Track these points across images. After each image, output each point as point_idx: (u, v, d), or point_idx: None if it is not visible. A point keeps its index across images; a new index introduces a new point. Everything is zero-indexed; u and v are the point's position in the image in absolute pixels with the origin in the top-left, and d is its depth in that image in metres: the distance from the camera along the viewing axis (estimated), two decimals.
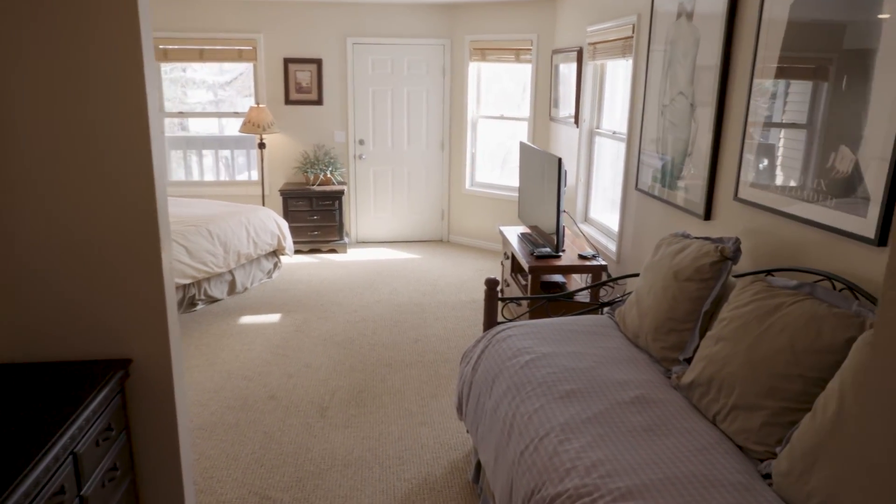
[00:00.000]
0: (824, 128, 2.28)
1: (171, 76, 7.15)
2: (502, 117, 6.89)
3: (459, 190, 7.23)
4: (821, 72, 2.31)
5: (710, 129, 3.04)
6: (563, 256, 4.45)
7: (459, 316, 5.09)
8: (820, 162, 2.30)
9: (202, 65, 7.11)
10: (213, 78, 7.28)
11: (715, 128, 3.00)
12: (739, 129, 2.85)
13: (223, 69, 7.20)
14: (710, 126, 3.04)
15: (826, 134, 2.27)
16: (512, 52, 6.56)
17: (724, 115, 2.98)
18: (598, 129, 5.27)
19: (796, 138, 2.46)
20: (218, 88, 7.33)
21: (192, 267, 4.98)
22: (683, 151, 3.33)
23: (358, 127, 7.09)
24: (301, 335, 4.69)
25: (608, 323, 2.98)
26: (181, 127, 7.24)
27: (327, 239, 6.86)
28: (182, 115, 7.11)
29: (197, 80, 7.27)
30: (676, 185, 3.39)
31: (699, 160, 3.16)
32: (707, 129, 3.08)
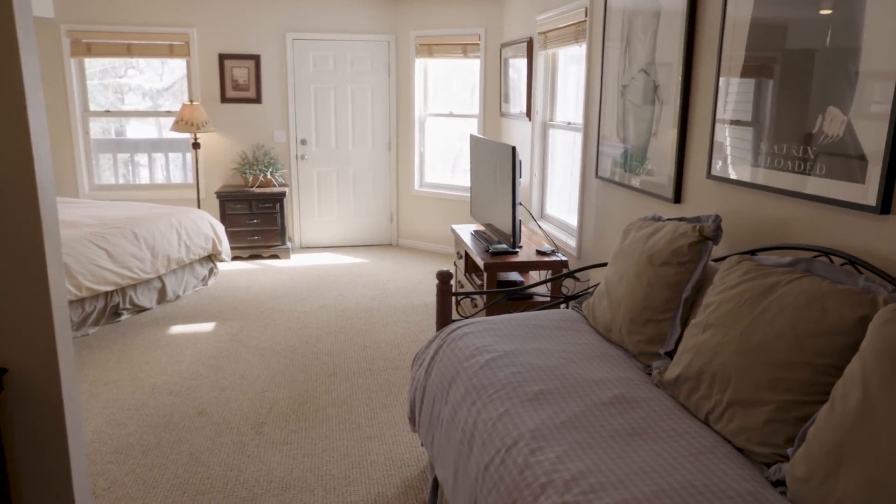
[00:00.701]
0: (808, 87, 2.06)
1: (104, 81, 6.62)
2: (451, 115, 6.62)
3: (408, 191, 6.91)
4: None
5: (677, 100, 2.81)
6: (521, 253, 4.18)
7: (411, 320, 4.76)
8: (805, 126, 2.07)
9: (139, 71, 6.61)
10: (149, 84, 6.77)
11: (682, 99, 2.77)
12: (710, 95, 2.63)
13: (161, 75, 6.72)
14: (677, 97, 2.81)
15: (812, 95, 2.04)
16: (459, 48, 6.31)
17: (691, 84, 2.75)
18: (552, 121, 5.04)
19: (777, 101, 2.23)
20: (157, 95, 6.83)
21: (114, 272, 4.51)
22: (647, 132, 3.10)
23: (299, 126, 6.70)
24: (237, 345, 4.28)
25: (575, 317, 2.70)
26: (117, 132, 6.71)
27: (268, 244, 6.44)
28: (109, 115, 6.59)
29: (133, 86, 6.75)
30: (641, 169, 3.16)
31: (665, 140, 2.93)
32: (673, 102, 2.85)
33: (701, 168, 2.71)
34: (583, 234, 4.18)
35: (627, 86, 3.28)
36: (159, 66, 6.68)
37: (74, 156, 6.44)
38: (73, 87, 6.31)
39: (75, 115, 6.37)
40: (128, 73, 6.69)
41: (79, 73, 6.39)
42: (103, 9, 6.20)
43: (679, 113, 2.79)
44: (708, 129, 2.65)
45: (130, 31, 6.26)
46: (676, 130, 2.82)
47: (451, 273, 2.75)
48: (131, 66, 6.65)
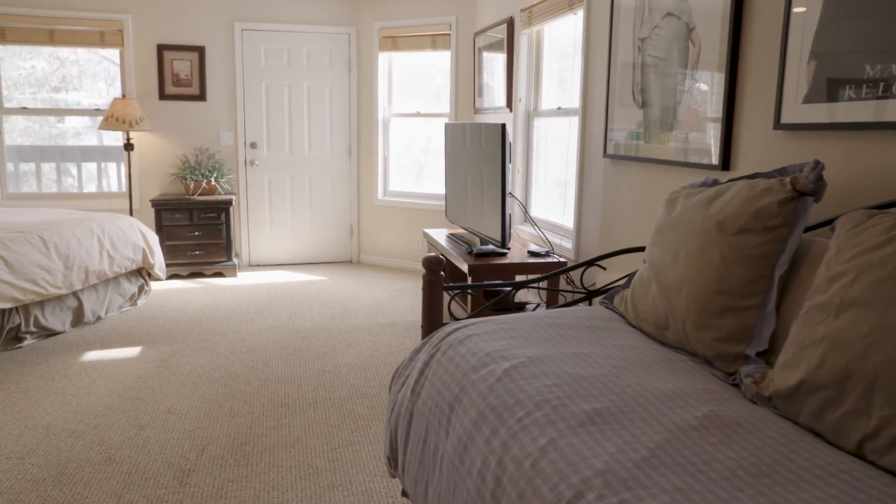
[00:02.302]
0: None
1: (48, 83, 5.79)
2: (418, 114, 5.99)
3: (370, 201, 6.22)
4: None
5: (725, 36, 2.21)
6: (510, 254, 3.52)
7: (378, 341, 4.03)
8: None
9: (77, 88, 5.81)
10: (89, 100, 5.94)
11: (732, 34, 2.17)
12: (777, 16, 2.03)
13: (105, 91, 5.91)
14: (725, 31, 2.21)
15: None
16: (427, 39, 5.71)
17: (743, 13, 2.16)
18: (538, 109, 4.45)
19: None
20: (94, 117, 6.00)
21: (13, 286, 3.67)
22: (677, 88, 2.49)
23: (249, 127, 5.97)
24: (165, 372, 3.48)
25: (608, 315, 2.03)
26: (74, 136, 5.85)
27: (212, 260, 5.64)
28: (26, 112, 5.74)
29: (70, 101, 5.92)
30: (669, 136, 2.54)
31: (703, 92, 2.32)
32: (718, 40, 2.25)
33: (762, 117, 2.10)
34: (582, 232, 3.54)
35: (647, 38, 2.67)
36: (103, 86, 5.87)
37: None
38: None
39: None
40: (64, 86, 5.86)
41: None
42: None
43: (728, 52, 2.19)
44: (773, 63, 2.04)
45: (53, 16, 5.48)
46: (725, 74, 2.21)
47: (443, 259, 2.06)
48: (69, 79, 5.83)
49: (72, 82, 5.85)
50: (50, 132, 5.87)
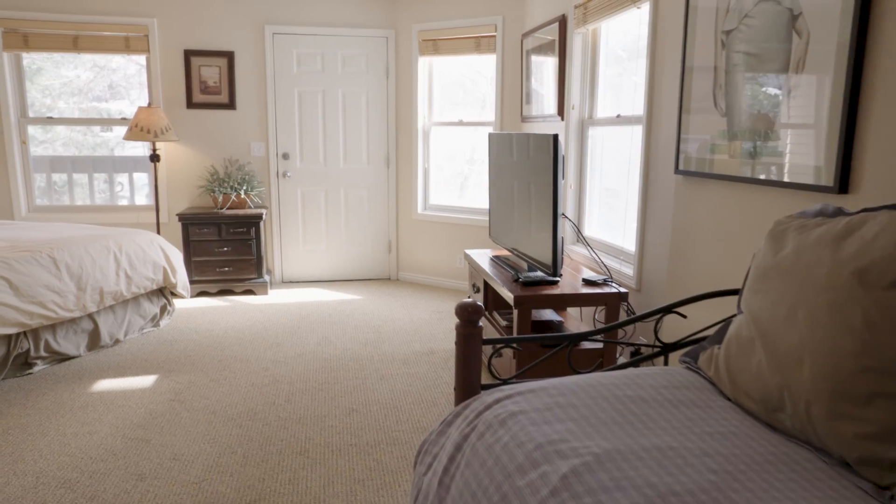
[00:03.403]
0: None
1: (87, 105, 5.61)
2: (461, 123, 5.59)
3: (409, 216, 5.84)
4: None
5: (848, 21, 1.75)
6: (562, 282, 3.08)
7: (414, 373, 3.63)
8: None
9: (124, 96, 5.62)
10: (130, 110, 5.73)
11: (859, 14, 1.71)
12: None
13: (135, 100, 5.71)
14: (848, 16, 1.75)
15: None
16: (471, 42, 5.31)
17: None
18: (592, 117, 4.00)
19: None
20: None
21: (18, 309, 3.40)
22: (773, 91, 2.03)
23: (281, 137, 5.67)
24: (178, 407, 3.15)
25: (693, 381, 1.59)
26: (118, 146, 5.67)
27: (241, 277, 5.34)
28: (51, 122, 5.56)
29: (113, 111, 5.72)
30: (763, 148, 2.08)
31: (811, 93, 1.86)
32: (834, 25, 1.78)
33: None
34: (645, 257, 3.09)
35: (734, 31, 2.22)
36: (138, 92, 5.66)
37: (8, 170, 5.39)
38: (6, 87, 5.30)
39: (9, 122, 5.35)
40: (109, 94, 5.66)
41: (14, 70, 5.38)
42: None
43: (852, 42, 1.72)
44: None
45: (78, 21, 5.27)
46: (847, 70, 1.75)
47: (480, 307, 1.65)
48: (114, 88, 5.63)
49: (117, 91, 5.64)
50: (93, 141, 5.67)
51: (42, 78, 5.57)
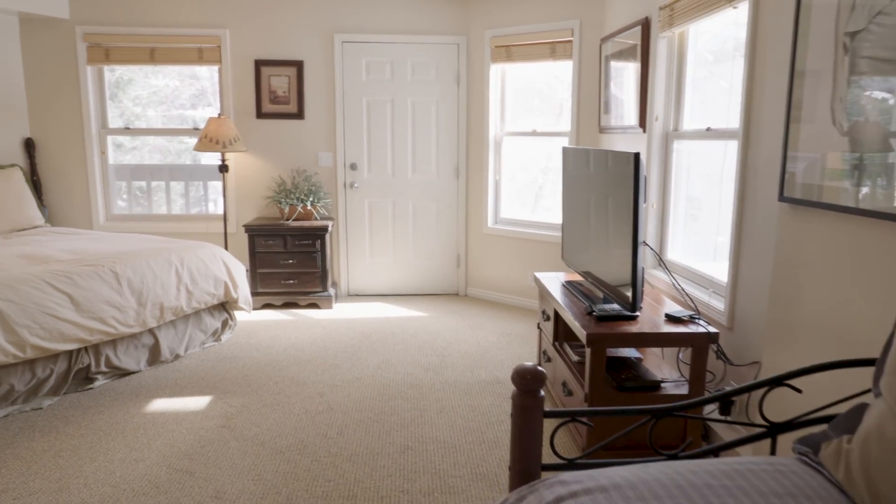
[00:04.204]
0: None
1: (170, 114, 5.68)
2: (534, 133, 5.30)
3: (479, 229, 5.60)
4: None
5: None
6: (641, 317, 2.76)
7: (476, 406, 3.38)
8: None
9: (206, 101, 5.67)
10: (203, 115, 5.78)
11: None
12: None
13: None
14: None
15: None
16: (546, 48, 5.02)
17: None
18: (678, 130, 3.64)
19: None
20: None
21: (78, 325, 3.36)
22: None
23: (349, 147, 5.54)
24: (228, 435, 3.01)
25: (811, 482, 1.26)
26: (192, 157, 5.74)
27: (306, 290, 5.24)
28: (128, 132, 5.63)
29: (188, 118, 5.78)
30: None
31: None
32: None
33: None
34: (739, 292, 2.73)
35: (862, 32, 1.86)
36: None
37: (88, 180, 5.49)
38: (89, 99, 5.40)
39: (90, 133, 5.44)
40: (196, 102, 5.71)
41: (96, 83, 5.47)
42: (125, 7, 5.29)
43: None
44: None
45: (154, 34, 5.31)
46: None
47: (542, 373, 1.38)
48: (201, 95, 5.69)
49: (203, 98, 5.67)
50: (178, 148, 5.71)
51: (133, 88, 5.67)
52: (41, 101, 5.39)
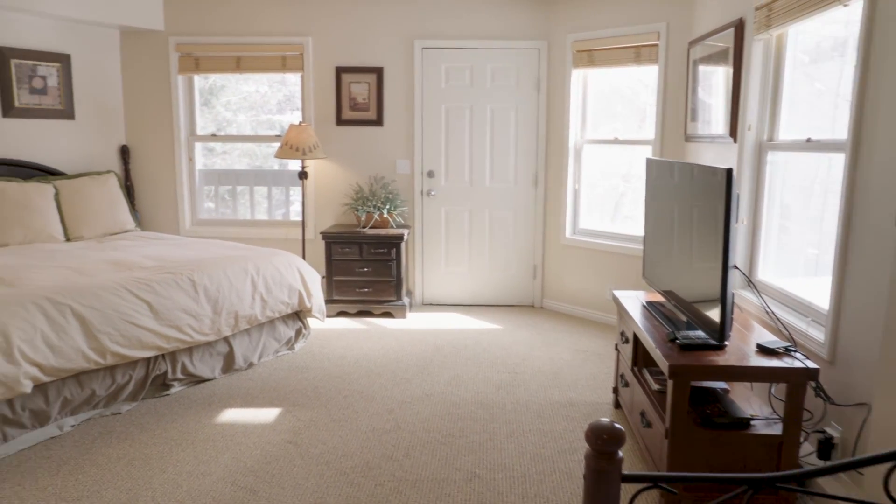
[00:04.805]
0: None
1: (257, 119, 5.85)
2: (616, 141, 5.07)
3: (557, 240, 5.41)
4: None
5: None
6: (729, 347, 2.53)
7: (548, 431, 3.22)
8: None
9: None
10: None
11: None
12: None
13: None
14: None
15: None
16: (630, 52, 4.78)
17: None
18: (774, 140, 3.36)
19: None
20: None
21: (156, 333, 3.44)
22: None
23: (427, 155, 5.49)
24: (293, 452, 2.99)
25: None
26: (271, 162, 5.90)
27: (380, 299, 5.21)
28: (215, 139, 5.79)
29: (269, 121, 5.92)
30: None
31: None
32: None
33: None
34: (843, 321, 2.46)
35: None
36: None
37: (177, 186, 5.68)
38: (179, 107, 5.59)
39: (180, 140, 5.63)
40: (286, 106, 5.85)
41: (186, 91, 5.66)
42: (214, 18, 5.44)
43: None
44: None
45: (241, 43, 5.43)
46: None
47: (621, 432, 1.23)
48: (291, 100, 5.82)
49: (292, 102, 5.79)
50: (266, 152, 5.83)
51: (225, 94, 5.85)
52: (136, 109, 5.62)
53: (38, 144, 5.07)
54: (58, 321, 3.10)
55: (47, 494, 2.62)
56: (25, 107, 4.96)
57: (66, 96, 5.19)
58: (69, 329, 3.12)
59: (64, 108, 5.20)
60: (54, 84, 5.12)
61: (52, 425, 3.16)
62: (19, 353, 2.93)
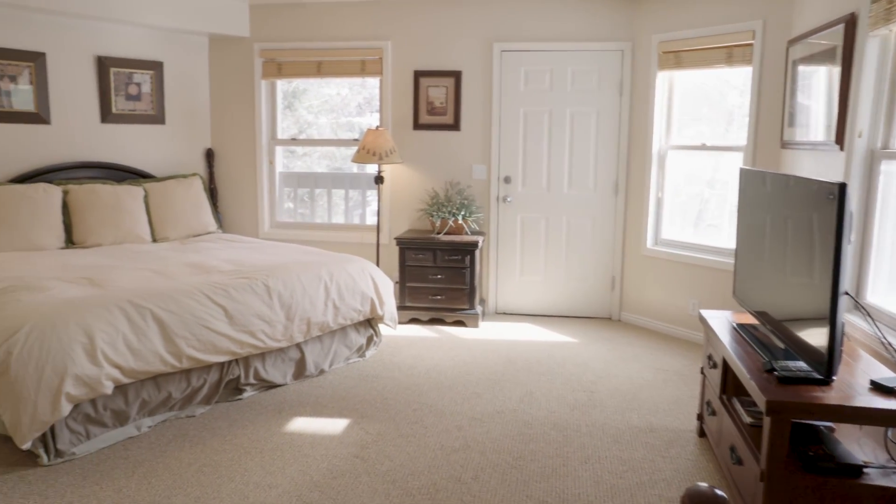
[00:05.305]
0: None
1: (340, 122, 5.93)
2: (703, 147, 4.78)
3: (638, 250, 5.17)
4: None
5: None
6: (837, 382, 2.28)
7: (626, 459, 3.03)
8: None
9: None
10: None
11: None
12: None
13: None
14: None
15: None
16: (721, 52, 4.49)
17: None
18: (889, 147, 3.04)
19: None
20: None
21: (230, 338, 3.46)
22: None
23: (503, 160, 5.35)
24: (359, 467, 2.92)
25: None
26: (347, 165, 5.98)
27: (453, 307, 5.12)
28: (294, 143, 5.86)
29: (347, 123, 5.97)
30: None
31: None
32: None
33: None
34: None
35: None
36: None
37: (257, 189, 5.78)
38: (261, 111, 5.68)
39: (261, 144, 5.72)
40: (366, 109, 5.89)
41: (268, 96, 5.75)
42: (296, 24, 5.50)
43: None
44: None
45: (321, 48, 5.47)
46: None
47: (723, 498, 1.07)
48: (372, 102, 5.86)
49: (372, 105, 5.81)
50: (346, 153, 5.87)
51: (307, 97, 5.93)
52: (221, 114, 5.76)
53: (130, 148, 5.26)
54: (139, 324, 3.16)
55: (122, 497, 2.65)
56: (121, 112, 5.16)
57: (157, 102, 5.37)
58: (148, 332, 3.18)
59: (155, 113, 5.38)
60: (147, 91, 5.30)
61: (131, 425, 3.22)
62: (102, 355, 2.99)
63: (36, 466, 2.87)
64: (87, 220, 4.58)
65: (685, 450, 3.10)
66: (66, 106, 4.87)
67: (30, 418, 2.80)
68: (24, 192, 4.39)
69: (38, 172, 4.72)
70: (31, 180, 4.65)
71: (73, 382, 2.88)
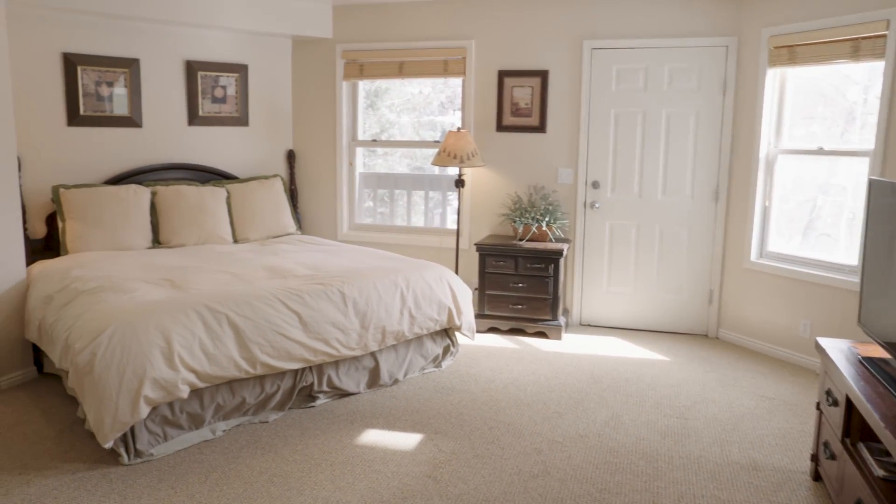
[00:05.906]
0: None
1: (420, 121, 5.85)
2: (820, 151, 4.33)
3: (739, 263, 4.75)
4: None
5: None
6: None
7: (726, 500, 2.71)
8: None
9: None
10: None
11: None
12: None
13: None
14: None
15: None
16: (845, 46, 4.04)
17: None
18: None
19: None
20: None
21: (304, 346, 3.37)
22: None
23: (592, 164, 5.06)
24: (431, 489, 2.75)
25: None
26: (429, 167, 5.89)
27: (534, 317, 4.88)
28: (375, 144, 5.78)
29: (428, 122, 5.86)
30: None
31: None
32: None
33: None
34: None
35: None
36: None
37: (336, 191, 5.73)
38: (342, 113, 5.63)
39: (342, 145, 5.67)
40: (449, 107, 5.79)
41: (350, 97, 5.69)
42: (379, 25, 5.40)
43: None
44: None
45: (403, 48, 5.35)
46: None
47: None
48: (454, 100, 5.75)
49: (453, 103, 5.68)
50: (428, 153, 5.76)
51: (389, 96, 5.86)
52: (303, 115, 5.75)
53: (215, 150, 5.32)
54: (215, 330, 3.11)
55: (194, 503, 2.59)
56: (207, 115, 5.22)
57: (241, 104, 5.41)
58: (224, 338, 3.13)
59: (239, 115, 5.42)
60: (232, 93, 5.34)
61: (206, 429, 3.19)
62: (179, 359, 2.96)
63: (117, 465, 2.88)
64: (172, 220, 4.64)
65: (796, 494, 2.75)
66: (157, 109, 4.96)
67: (111, 419, 2.81)
68: (115, 193, 4.49)
69: (130, 174, 4.83)
70: (123, 182, 4.76)
71: (150, 386, 2.86)
